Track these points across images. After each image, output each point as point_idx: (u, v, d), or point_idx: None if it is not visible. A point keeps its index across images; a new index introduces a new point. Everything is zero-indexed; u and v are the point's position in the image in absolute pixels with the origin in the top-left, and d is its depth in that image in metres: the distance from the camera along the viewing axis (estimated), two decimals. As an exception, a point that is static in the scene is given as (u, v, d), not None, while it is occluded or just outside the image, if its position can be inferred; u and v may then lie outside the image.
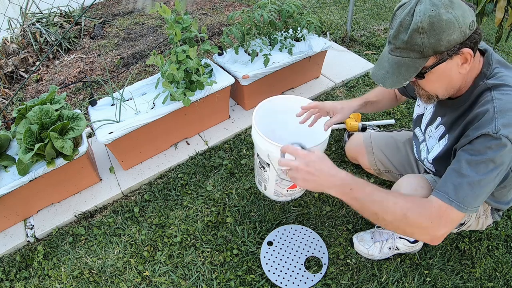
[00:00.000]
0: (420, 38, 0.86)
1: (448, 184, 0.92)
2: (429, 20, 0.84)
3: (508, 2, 2.02)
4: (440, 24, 0.83)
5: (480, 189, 0.89)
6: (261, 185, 1.66)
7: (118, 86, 2.52)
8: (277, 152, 1.36)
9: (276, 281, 1.39)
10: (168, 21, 1.71)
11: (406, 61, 0.91)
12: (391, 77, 0.94)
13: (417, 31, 0.85)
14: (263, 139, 1.36)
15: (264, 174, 1.55)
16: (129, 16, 3.56)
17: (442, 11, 0.83)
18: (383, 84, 0.96)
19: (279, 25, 2.11)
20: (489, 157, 0.87)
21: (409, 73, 0.92)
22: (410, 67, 0.91)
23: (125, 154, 1.82)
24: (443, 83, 0.96)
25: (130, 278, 1.46)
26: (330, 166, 0.95)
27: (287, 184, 1.54)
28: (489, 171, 0.88)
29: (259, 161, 1.53)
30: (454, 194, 0.90)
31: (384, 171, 1.58)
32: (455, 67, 0.91)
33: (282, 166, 1.01)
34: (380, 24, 3.22)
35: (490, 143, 0.87)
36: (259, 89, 2.10)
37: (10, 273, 1.53)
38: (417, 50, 0.88)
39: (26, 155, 1.45)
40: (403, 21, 0.87)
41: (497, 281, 1.42)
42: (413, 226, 0.93)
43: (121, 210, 1.72)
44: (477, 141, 0.89)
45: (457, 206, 0.90)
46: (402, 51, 0.91)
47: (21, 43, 2.86)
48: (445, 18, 0.83)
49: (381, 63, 0.98)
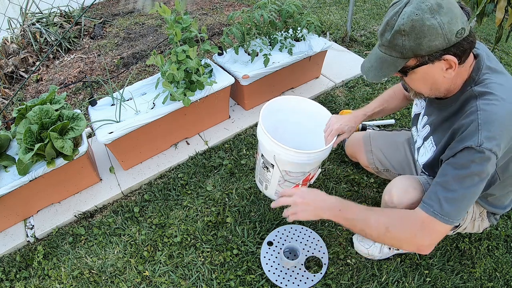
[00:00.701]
0: (401, 39, 0.88)
1: (433, 198, 0.95)
2: (411, 24, 0.85)
3: (508, 3, 2.02)
4: (422, 28, 0.84)
5: (465, 202, 0.92)
6: (262, 184, 1.65)
7: (118, 86, 2.53)
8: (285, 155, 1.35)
9: (276, 281, 1.39)
10: (168, 21, 1.71)
11: (388, 58, 0.94)
12: (374, 71, 0.98)
13: (399, 33, 0.87)
14: (269, 140, 1.35)
15: (267, 175, 1.54)
16: (129, 16, 3.56)
17: (426, 16, 0.84)
18: (366, 76, 1.01)
19: (279, 25, 2.11)
20: (473, 171, 0.89)
21: (388, 71, 0.95)
22: (390, 65, 0.94)
23: (125, 154, 1.82)
24: (426, 84, 0.99)
25: (130, 278, 1.46)
26: (320, 194, 1.12)
27: (290, 185, 1.54)
28: (474, 184, 0.90)
29: (262, 161, 1.52)
30: (439, 208, 0.93)
31: (383, 169, 1.58)
32: (439, 71, 0.92)
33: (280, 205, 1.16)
34: (380, 24, 3.21)
35: (473, 156, 0.88)
36: (259, 89, 2.10)
37: (10, 273, 1.53)
38: (398, 50, 0.91)
39: (26, 155, 1.45)
40: (390, 20, 0.90)
41: (497, 281, 1.42)
42: (396, 239, 0.99)
43: (121, 210, 1.72)
44: (461, 154, 0.91)
45: (441, 219, 0.93)
46: (386, 49, 0.94)
47: (21, 43, 2.86)
48: (428, 23, 0.84)
49: (370, 56, 1.02)
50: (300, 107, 1.59)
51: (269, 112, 1.53)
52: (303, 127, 1.64)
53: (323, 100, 2.29)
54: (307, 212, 1.08)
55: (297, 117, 1.62)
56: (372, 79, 0.99)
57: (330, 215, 1.06)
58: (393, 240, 1.01)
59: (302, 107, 1.59)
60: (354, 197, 1.70)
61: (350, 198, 1.69)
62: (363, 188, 1.74)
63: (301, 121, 1.63)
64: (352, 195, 1.71)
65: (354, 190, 1.74)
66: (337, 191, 1.73)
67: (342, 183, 1.77)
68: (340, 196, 1.69)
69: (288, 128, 1.67)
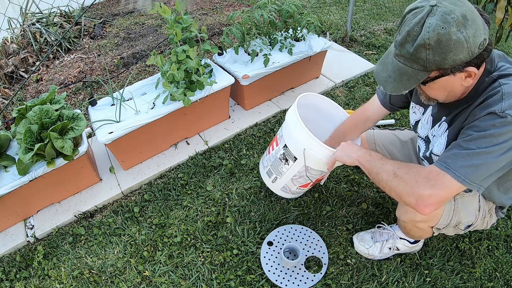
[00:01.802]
0: (425, 53, 0.84)
1: (448, 154, 0.94)
2: (437, 38, 0.81)
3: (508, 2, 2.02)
4: (448, 43, 0.81)
5: (480, 160, 0.89)
6: (271, 177, 1.55)
7: (118, 86, 2.52)
8: (317, 151, 1.28)
9: (276, 281, 1.39)
10: (168, 21, 1.71)
11: (409, 70, 0.90)
12: (393, 82, 0.94)
13: (423, 46, 0.83)
14: (305, 133, 1.30)
15: (283, 167, 1.44)
16: (129, 16, 3.56)
17: (453, 29, 0.80)
18: (384, 87, 0.96)
19: (279, 25, 2.11)
20: (491, 133, 0.88)
21: (409, 83, 0.91)
22: (411, 77, 0.90)
23: (125, 154, 1.82)
24: (444, 92, 0.97)
25: (130, 278, 1.46)
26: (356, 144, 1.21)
27: (303, 182, 1.48)
28: (490, 145, 0.88)
29: (283, 152, 1.43)
30: (452, 163, 0.91)
31: None
32: (458, 80, 0.91)
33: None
34: (380, 24, 3.22)
35: (494, 121, 0.88)
36: (259, 89, 2.10)
37: (10, 273, 1.53)
38: (420, 63, 0.87)
39: (26, 155, 1.45)
40: (411, 31, 0.85)
41: (497, 281, 1.42)
42: (400, 185, 0.98)
43: (121, 210, 1.72)
44: (483, 119, 0.90)
45: (452, 173, 0.90)
46: (405, 60, 0.90)
47: (21, 43, 2.86)
48: (454, 38, 0.81)
49: (385, 65, 0.96)
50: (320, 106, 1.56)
51: (304, 105, 1.49)
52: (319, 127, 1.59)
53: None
54: (342, 155, 1.18)
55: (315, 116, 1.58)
56: (391, 91, 0.95)
57: (359, 156, 1.13)
58: (397, 187, 0.99)
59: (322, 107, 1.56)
60: (354, 197, 1.70)
61: (350, 198, 1.69)
62: (363, 188, 1.74)
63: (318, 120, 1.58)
64: (352, 195, 1.71)
65: (354, 190, 1.74)
66: (337, 191, 1.73)
67: (342, 183, 1.77)
68: (340, 196, 1.70)
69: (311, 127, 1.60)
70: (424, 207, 0.94)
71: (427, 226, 1.22)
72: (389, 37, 3.02)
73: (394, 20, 3.32)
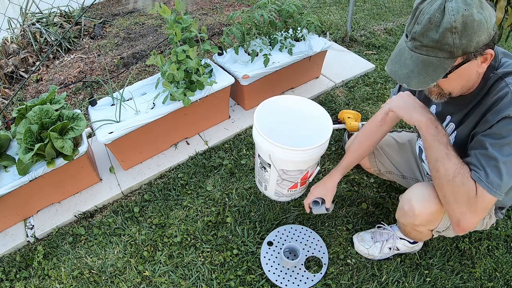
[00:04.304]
0: (451, 38, 0.82)
1: (479, 166, 0.92)
2: (463, 20, 0.80)
3: (508, 2, 2.02)
4: (472, 24, 0.81)
5: (507, 170, 0.89)
6: (262, 185, 1.66)
7: (118, 86, 2.52)
8: (280, 153, 1.36)
9: (276, 281, 1.39)
10: (168, 21, 1.71)
11: (434, 60, 0.86)
12: (417, 77, 0.89)
13: (449, 30, 0.81)
14: (264, 140, 1.36)
15: (265, 175, 1.55)
16: (129, 16, 3.56)
17: (474, 11, 0.80)
18: (408, 84, 0.91)
19: (279, 25, 2.11)
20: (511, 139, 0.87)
21: (437, 74, 0.87)
22: (438, 67, 0.87)
23: (125, 154, 1.82)
24: (461, 82, 0.95)
25: (130, 278, 1.46)
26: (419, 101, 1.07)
27: (288, 185, 1.54)
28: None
29: (260, 161, 1.53)
30: (485, 176, 0.90)
31: (385, 171, 1.57)
32: (475, 66, 0.90)
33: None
34: (380, 24, 3.22)
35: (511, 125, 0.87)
36: (259, 89, 2.10)
37: (10, 273, 1.53)
38: (447, 50, 0.84)
39: (26, 155, 1.45)
40: (433, 17, 0.82)
41: (497, 281, 1.42)
42: (451, 194, 0.95)
43: (121, 210, 1.72)
44: (498, 125, 0.89)
45: (488, 188, 0.90)
46: (429, 50, 0.86)
47: (21, 43, 2.86)
48: (477, 18, 0.81)
49: (401, 61, 0.91)
50: (297, 107, 1.59)
51: (266, 112, 1.54)
52: (301, 127, 1.64)
53: (323, 100, 2.29)
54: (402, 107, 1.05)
55: (294, 117, 1.62)
56: (417, 86, 0.90)
57: (423, 122, 1.00)
58: (447, 191, 0.96)
59: (299, 107, 1.59)
60: (354, 197, 1.70)
61: (350, 198, 1.69)
62: (363, 188, 1.74)
63: (299, 121, 1.63)
64: (352, 195, 1.71)
65: (354, 190, 1.74)
66: (337, 191, 1.73)
67: (342, 183, 1.77)
68: (340, 196, 1.70)
69: (286, 128, 1.67)
70: (463, 231, 0.96)
71: (426, 229, 1.21)
72: (389, 37, 3.02)
73: (394, 20, 3.32)
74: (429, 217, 1.11)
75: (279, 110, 1.59)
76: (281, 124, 1.65)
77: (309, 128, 1.60)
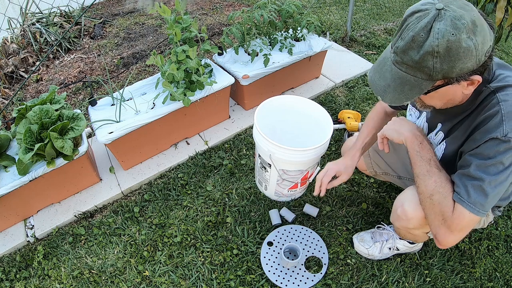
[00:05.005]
0: (432, 61, 0.78)
1: (459, 185, 0.93)
2: (447, 45, 0.75)
3: (508, 2, 2.02)
4: (457, 51, 0.76)
5: (492, 190, 0.89)
6: (262, 185, 1.66)
7: (118, 86, 2.52)
8: (280, 154, 1.36)
9: (276, 281, 1.39)
10: (168, 21, 1.71)
11: (411, 79, 0.83)
12: (392, 92, 0.87)
13: (430, 54, 0.77)
14: (265, 140, 1.36)
15: (265, 175, 1.55)
16: (129, 16, 3.56)
17: (463, 36, 0.75)
18: (382, 98, 0.89)
19: (279, 25, 2.11)
20: (498, 160, 0.87)
21: (412, 93, 0.85)
22: (414, 86, 0.84)
23: (125, 154, 1.82)
24: (443, 100, 0.93)
25: (130, 278, 1.46)
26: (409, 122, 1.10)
27: (288, 185, 1.54)
28: (499, 172, 0.88)
29: (260, 161, 1.53)
30: (466, 196, 0.91)
31: (381, 173, 1.57)
32: (460, 88, 0.86)
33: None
34: (380, 24, 3.22)
35: (498, 146, 0.86)
36: (259, 89, 2.10)
37: (10, 273, 1.53)
38: (425, 72, 0.81)
39: (26, 155, 1.45)
40: (417, 36, 0.77)
41: (497, 281, 1.42)
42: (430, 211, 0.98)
43: (121, 210, 1.72)
44: (486, 145, 0.88)
45: (469, 207, 0.90)
46: (408, 68, 0.83)
47: (21, 43, 2.86)
48: (464, 45, 0.75)
49: (382, 72, 0.89)
50: (298, 107, 1.59)
51: (266, 112, 1.54)
52: (301, 127, 1.64)
53: (323, 100, 2.29)
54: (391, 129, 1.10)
55: (295, 117, 1.63)
56: (390, 101, 0.88)
57: (408, 138, 1.05)
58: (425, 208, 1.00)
59: (299, 107, 1.59)
60: (354, 197, 1.70)
61: (350, 198, 1.69)
62: (363, 188, 1.74)
63: (299, 121, 1.63)
64: (352, 195, 1.71)
65: (354, 190, 1.74)
66: (337, 191, 1.73)
67: (342, 183, 1.77)
68: (340, 196, 1.70)
69: (286, 129, 1.68)
70: (441, 246, 0.98)
71: (420, 232, 1.22)
72: (389, 37, 3.02)
73: (394, 20, 3.31)
74: (422, 221, 1.10)
75: (280, 110, 1.59)
76: (281, 124, 1.65)
77: (309, 128, 1.60)
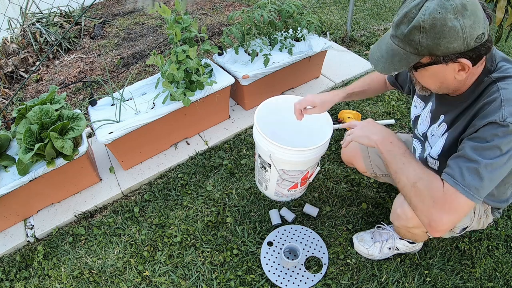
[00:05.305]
0: (418, 36, 0.84)
1: (454, 167, 0.91)
2: (432, 22, 0.81)
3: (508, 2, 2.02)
4: (442, 29, 0.81)
5: (487, 174, 0.88)
6: (262, 185, 1.66)
7: (118, 86, 2.52)
8: (280, 154, 1.36)
9: (276, 281, 1.39)
10: (168, 21, 1.71)
11: (401, 52, 0.90)
12: (384, 62, 0.94)
13: (417, 28, 0.83)
14: (265, 140, 1.36)
15: (265, 175, 1.55)
16: (129, 16, 3.56)
17: (449, 16, 0.80)
18: (375, 66, 0.97)
19: (279, 25, 2.11)
20: (495, 144, 0.86)
21: (400, 65, 0.92)
22: (403, 59, 0.91)
23: (125, 154, 1.82)
24: (435, 82, 0.96)
25: (130, 278, 1.46)
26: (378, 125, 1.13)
27: (288, 185, 1.54)
28: (496, 157, 0.87)
29: (260, 161, 1.53)
30: (461, 178, 0.89)
31: (381, 174, 1.56)
32: (451, 71, 0.90)
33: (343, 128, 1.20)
34: (380, 24, 3.21)
35: (496, 130, 0.86)
36: (259, 89, 2.10)
37: (10, 273, 1.53)
38: (413, 46, 0.87)
39: (26, 155, 1.45)
40: (409, 12, 0.85)
41: (497, 281, 1.42)
42: (417, 199, 0.95)
43: (121, 210, 1.72)
44: (484, 129, 0.89)
45: (465, 192, 0.88)
46: (399, 41, 0.90)
47: (21, 43, 2.86)
48: (450, 24, 0.80)
49: (380, 44, 0.97)
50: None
51: (266, 112, 1.54)
52: (301, 127, 1.64)
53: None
54: (361, 136, 1.12)
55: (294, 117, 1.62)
56: (381, 70, 0.96)
57: (378, 140, 1.07)
58: (412, 199, 0.97)
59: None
60: (354, 197, 1.70)
61: (350, 198, 1.69)
62: (363, 188, 1.74)
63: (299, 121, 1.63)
64: (352, 195, 1.71)
65: (354, 190, 1.74)
66: (337, 191, 1.73)
67: (342, 183, 1.77)
68: (340, 196, 1.70)
69: (286, 128, 1.67)
70: (436, 232, 0.93)
71: (420, 231, 1.22)
72: (389, 37, 3.02)
73: (394, 20, 3.31)
74: None
75: (280, 110, 1.59)
76: (281, 124, 1.65)
77: (309, 128, 1.60)
